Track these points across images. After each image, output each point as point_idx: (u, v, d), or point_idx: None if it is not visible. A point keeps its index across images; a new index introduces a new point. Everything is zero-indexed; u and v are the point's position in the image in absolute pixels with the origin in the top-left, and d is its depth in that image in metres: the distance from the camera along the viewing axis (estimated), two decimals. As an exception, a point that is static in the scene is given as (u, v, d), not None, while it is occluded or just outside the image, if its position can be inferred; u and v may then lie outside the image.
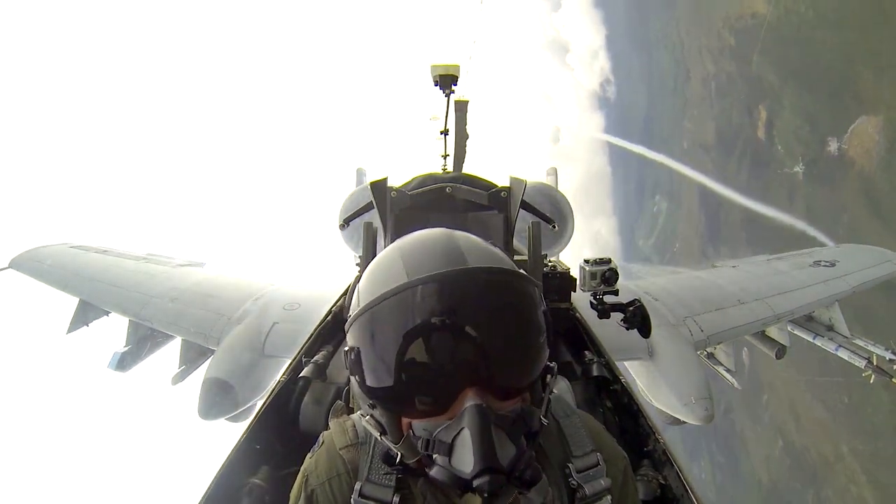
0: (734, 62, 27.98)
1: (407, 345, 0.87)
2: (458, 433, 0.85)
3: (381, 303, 0.89)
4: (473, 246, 0.99)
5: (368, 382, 0.93)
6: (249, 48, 64.86)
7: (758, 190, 26.47)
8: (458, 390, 0.87)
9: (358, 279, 1.10)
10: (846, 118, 20.46)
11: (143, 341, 4.83)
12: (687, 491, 1.73)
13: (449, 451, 0.86)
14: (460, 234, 1.03)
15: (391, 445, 0.96)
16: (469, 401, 0.85)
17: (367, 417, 0.96)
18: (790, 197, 24.14)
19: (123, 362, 4.71)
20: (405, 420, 0.94)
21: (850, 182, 20.64)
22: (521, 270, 1.01)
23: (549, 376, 0.99)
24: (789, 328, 4.97)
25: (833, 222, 21.48)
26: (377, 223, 3.11)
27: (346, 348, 0.97)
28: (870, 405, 18.90)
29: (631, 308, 2.46)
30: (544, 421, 0.95)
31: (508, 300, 0.93)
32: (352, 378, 0.98)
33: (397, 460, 0.96)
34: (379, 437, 0.99)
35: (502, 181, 3.13)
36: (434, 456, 0.88)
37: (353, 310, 0.99)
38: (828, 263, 5.42)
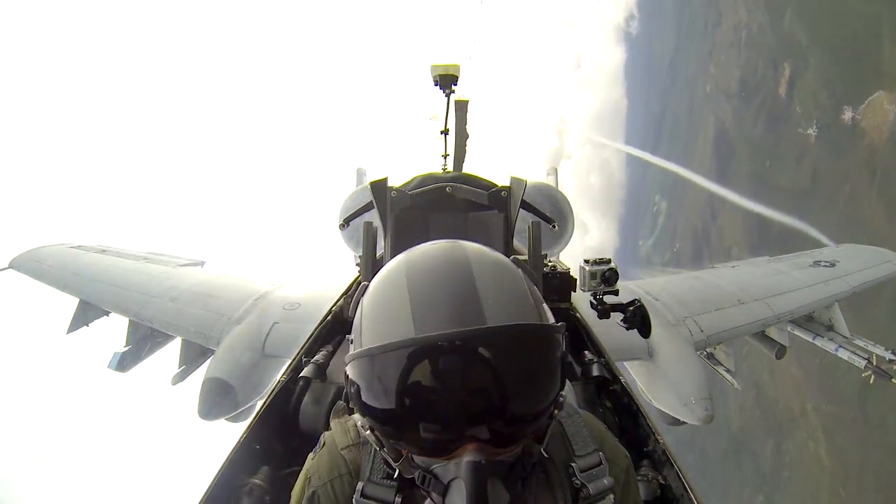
0: (767, 14, 27.52)
1: (405, 390, 0.83)
2: (454, 479, 0.85)
3: (383, 353, 0.85)
4: (491, 281, 0.91)
5: (368, 414, 0.91)
6: (249, 47, 64.88)
7: (769, 146, 26.36)
8: (457, 444, 0.84)
9: (358, 282, 1.08)
10: (865, 89, 20.37)
11: (143, 341, 4.82)
12: (687, 491, 1.73)
13: (444, 491, 0.86)
14: (476, 261, 0.94)
15: (390, 461, 0.96)
16: (468, 456, 0.83)
17: (367, 433, 0.95)
18: (799, 158, 24.11)
19: (123, 362, 4.70)
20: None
21: (858, 153, 20.61)
22: (544, 309, 0.95)
23: (555, 410, 0.96)
24: (789, 328, 4.96)
25: (834, 191, 21.53)
26: (377, 223, 3.11)
27: (346, 376, 0.95)
28: (839, 369, 19.15)
29: (631, 308, 2.46)
30: (545, 454, 0.96)
31: (526, 353, 0.88)
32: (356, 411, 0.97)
33: (396, 475, 0.98)
34: (379, 450, 0.99)
35: (502, 181, 3.14)
36: (430, 491, 0.88)
37: (356, 333, 0.95)
38: (828, 264, 5.42)
